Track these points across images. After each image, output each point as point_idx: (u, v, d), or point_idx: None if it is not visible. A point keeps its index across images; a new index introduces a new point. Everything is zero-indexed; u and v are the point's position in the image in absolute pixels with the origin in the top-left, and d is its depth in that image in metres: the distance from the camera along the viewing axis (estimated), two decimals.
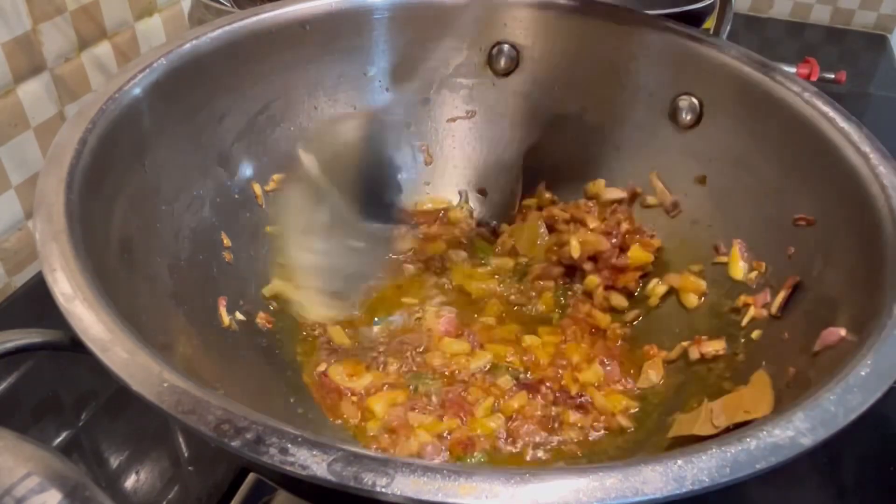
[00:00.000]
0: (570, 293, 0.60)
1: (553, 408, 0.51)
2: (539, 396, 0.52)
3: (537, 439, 0.49)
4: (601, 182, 0.63)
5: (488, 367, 0.54)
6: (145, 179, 0.48)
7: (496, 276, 0.62)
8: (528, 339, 0.56)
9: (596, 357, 0.55)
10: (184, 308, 0.47)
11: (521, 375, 0.54)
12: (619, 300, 0.58)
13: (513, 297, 0.61)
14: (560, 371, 0.54)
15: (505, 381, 0.53)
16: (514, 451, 0.49)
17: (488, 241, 0.65)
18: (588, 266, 0.59)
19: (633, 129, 0.61)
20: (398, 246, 0.64)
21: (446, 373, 0.53)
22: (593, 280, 0.59)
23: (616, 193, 0.62)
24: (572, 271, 0.61)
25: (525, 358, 0.55)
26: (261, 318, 0.54)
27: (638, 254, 0.58)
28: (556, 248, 0.61)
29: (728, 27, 0.59)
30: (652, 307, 0.57)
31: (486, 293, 0.60)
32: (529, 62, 0.64)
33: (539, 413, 0.51)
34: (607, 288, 0.59)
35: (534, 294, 0.60)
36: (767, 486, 0.50)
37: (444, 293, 0.61)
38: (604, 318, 0.58)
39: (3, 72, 0.61)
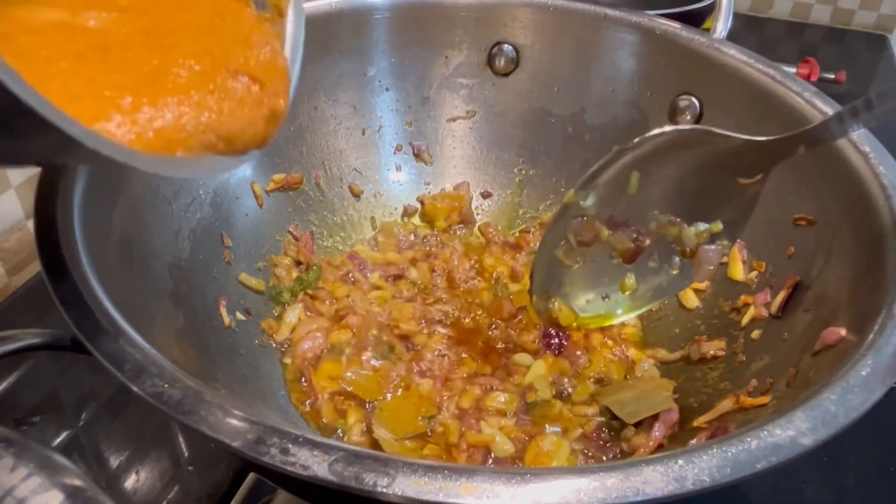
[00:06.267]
0: None
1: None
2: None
3: None
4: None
5: None
6: (145, 179, 0.48)
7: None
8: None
9: None
10: (184, 308, 0.47)
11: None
12: None
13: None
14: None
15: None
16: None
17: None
18: None
19: (633, 128, 0.61)
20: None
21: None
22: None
23: None
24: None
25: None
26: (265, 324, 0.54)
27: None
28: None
29: (728, 27, 0.59)
30: (652, 310, 0.57)
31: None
32: (529, 62, 0.64)
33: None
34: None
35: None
36: (768, 485, 0.50)
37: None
38: None
39: None
